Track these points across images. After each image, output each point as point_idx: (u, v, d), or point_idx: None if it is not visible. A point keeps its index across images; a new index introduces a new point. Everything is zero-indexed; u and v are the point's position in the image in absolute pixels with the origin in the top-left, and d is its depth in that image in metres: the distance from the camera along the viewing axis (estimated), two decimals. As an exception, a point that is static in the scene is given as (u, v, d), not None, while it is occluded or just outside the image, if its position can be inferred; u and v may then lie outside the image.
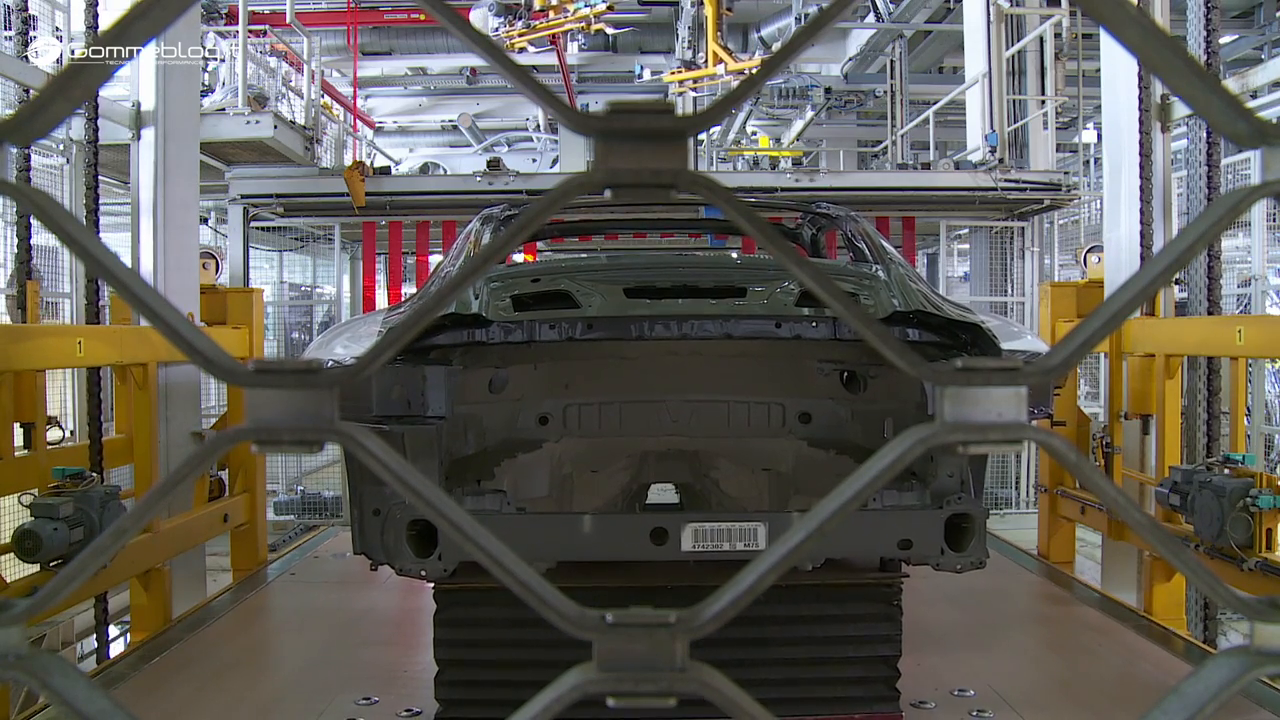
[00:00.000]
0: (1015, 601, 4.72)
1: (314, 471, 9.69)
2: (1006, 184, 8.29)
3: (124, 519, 0.53)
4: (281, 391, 0.45)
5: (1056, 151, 9.54)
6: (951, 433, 0.45)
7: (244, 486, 5.74)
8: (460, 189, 8.62)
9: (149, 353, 4.67)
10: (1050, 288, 6.13)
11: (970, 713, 3.17)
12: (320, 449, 0.47)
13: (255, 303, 5.93)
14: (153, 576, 4.67)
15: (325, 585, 5.14)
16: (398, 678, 3.53)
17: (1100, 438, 5.49)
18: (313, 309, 10.36)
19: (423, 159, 15.71)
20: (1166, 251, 0.51)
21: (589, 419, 3.06)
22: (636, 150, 0.43)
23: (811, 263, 0.47)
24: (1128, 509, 0.54)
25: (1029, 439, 0.47)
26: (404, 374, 2.48)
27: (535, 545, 2.55)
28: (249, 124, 7.59)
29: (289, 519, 8.66)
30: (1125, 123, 5.72)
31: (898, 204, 8.74)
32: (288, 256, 10.07)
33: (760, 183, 8.57)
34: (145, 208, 5.39)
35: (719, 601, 0.45)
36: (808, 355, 3.02)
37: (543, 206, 0.45)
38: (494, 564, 0.45)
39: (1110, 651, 3.86)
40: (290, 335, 9.98)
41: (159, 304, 0.50)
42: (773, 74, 0.60)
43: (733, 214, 0.44)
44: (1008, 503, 8.73)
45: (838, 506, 0.45)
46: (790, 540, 0.44)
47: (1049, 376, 0.47)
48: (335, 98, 11.11)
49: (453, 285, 0.47)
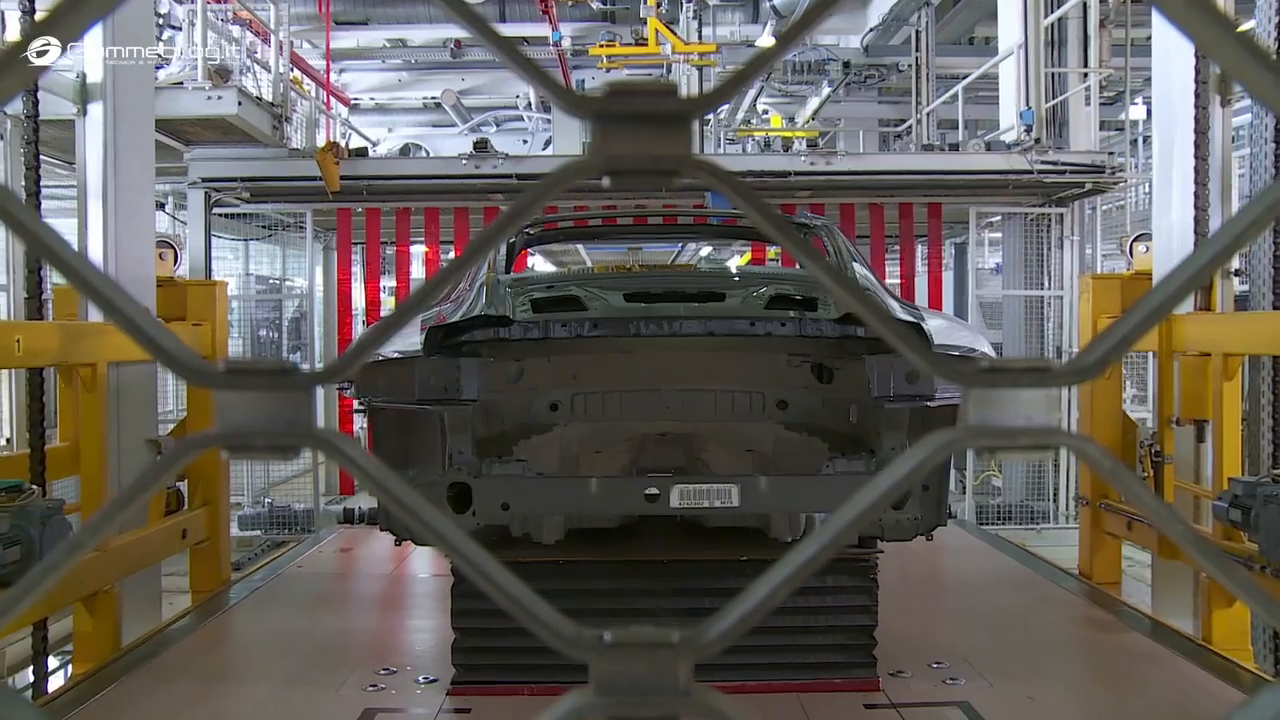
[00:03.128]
0: (1054, 626, 4.73)
1: (283, 482, 9.72)
2: (1044, 166, 8.30)
3: (80, 533, 0.54)
4: (255, 394, 0.45)
5: (1100, 129, 9.54)
6: (975, 437, 0.46)
7: (205, 499, 5.75)
8: (444, 172, 8.65)
9: (98, 351, 4.65)
10: (1092, 280, 6.13)
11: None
12: (296, 455, 0.48)
13: (218, 297, 5.95)
14: (100, 600, 4.59)
15: (299, 603, 5.20)
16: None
17: (1148, 445, 5.47)
18: (282, 304, 10.38)
19: (403, 139, 15.74)
20: (1217, 237, 0.52)
21: (594, 406, 3.83)
22: (637, 134, 0.44)
23: (827, 265, 0.48)
24: (1171, 521, 0.55)
25: (1061, 444, 0.48)
26: (442, 364, 3.23)
27: (553, 502, 3.42)
28: (210, 99, 7.60)
29: (255, 534, 8.68)
30: (1179, 96, 5.61)
31: (923, 189, 8.75)
32: (254, 246, 10.09)
33: (772, 166, 8.59)
34: (93, 191, 5.34)
35: (726, 620, 0.46)
36: (780, 350, 3.81)
37: (535, 195, 0.46)
38: (480, 576, 0.46)
39: (1163, 684, 3.86)
40: (257, 333, 9.99)
41: (116, 295, 0.51)
42: (788, 49, 0.61)
43: (742, 203, 0.45)
44: (1045, 517, 8.74)
45: (852, 517, 0.46)
46: (804, 552, 0.45)
47: (1083, 377, 0.48)
48: (306, 72, 11.13)
49: (434, 284, 0.48)
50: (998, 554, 6.20)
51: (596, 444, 3.88)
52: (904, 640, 4.22)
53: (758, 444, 3.88)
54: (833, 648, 3.78)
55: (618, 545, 3.85)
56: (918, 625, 4.56)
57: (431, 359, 3.22)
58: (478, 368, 3.27)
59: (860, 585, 3.77)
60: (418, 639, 4.64)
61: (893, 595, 5.18)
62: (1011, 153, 8.47)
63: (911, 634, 4.41)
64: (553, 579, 3.63)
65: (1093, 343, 0.49)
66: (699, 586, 3.72)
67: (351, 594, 5.66)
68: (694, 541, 3.91)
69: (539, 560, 3.65)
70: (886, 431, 3.41)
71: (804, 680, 3.72)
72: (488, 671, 3.72)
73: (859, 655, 3.77)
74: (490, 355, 3.51)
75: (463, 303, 3.50)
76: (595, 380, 3.81)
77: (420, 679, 3.90)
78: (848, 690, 3.71)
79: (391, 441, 3.55)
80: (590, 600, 3.69)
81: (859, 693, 3.69)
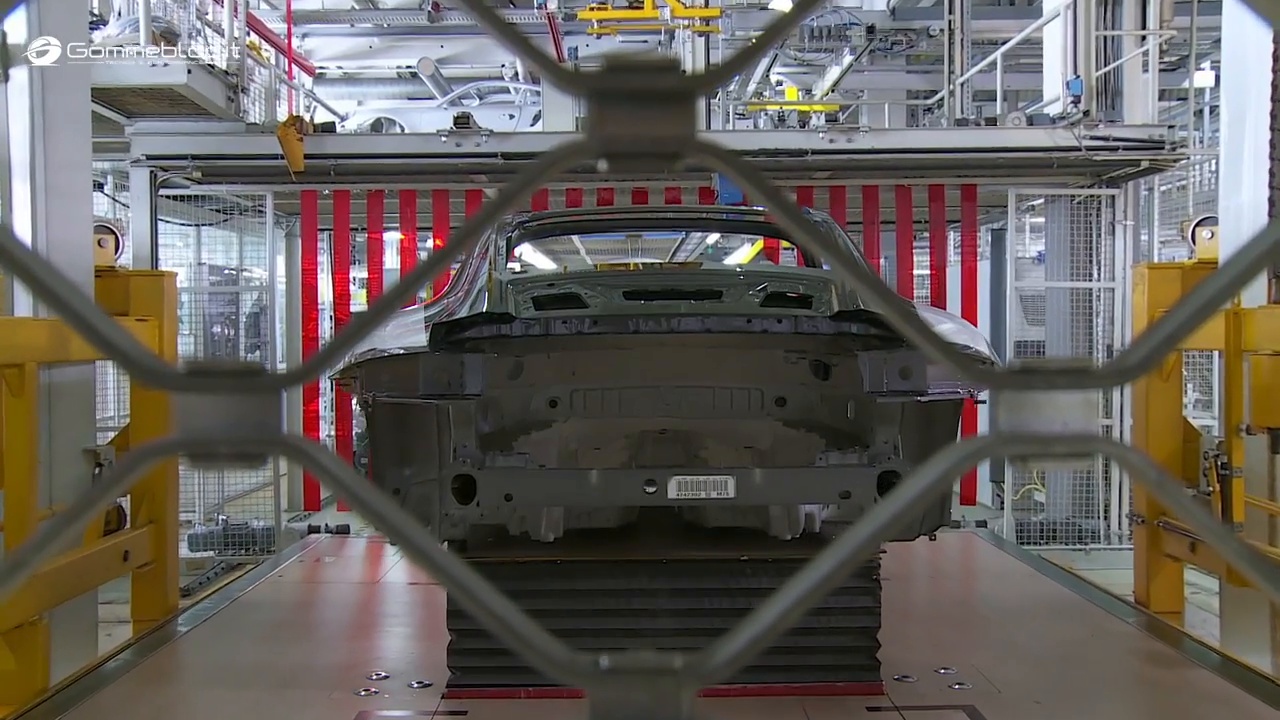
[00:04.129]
0: (1108, 660, 4.74)
1: (239, 497, 9.73)
2: (1094, 142, 8.31)
3: (17, 552, 0.55)
4: (218, 397, 0.47)
5: (1159, 100, 9.52)
6: (1006, 444, 0.47)
7: (151, 516, 5.75)
8: (421, 151, 8.67)
9: (26, 350, 4.62)
10: (1148, 270, 6.14)
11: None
12: (262, 464, 0.50)
13: (166, 289, 5.96)
14: (25, 634, 4.50)
15: (260, 630, 5.22)
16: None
17: (1214, 456, 5.45)
18: (239, 297, 10.40)
19: (374, 113, 15.75)
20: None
21: (593, 402, 4.27)
22: (636, 113, 0.45)
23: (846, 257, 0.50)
24: (1227, 539, 0.56)
25: (1100, 452, 0.49)
26: (447, 360, 3.61)
27: (555, 493, 3.90)
28: (155, 67, 7.61)
29: (207, 555, 8.70)
30: (1253, 60, 5.51)
31: (956, 169, 8.77)
32: (207, 233, 10.10)
33: (787, 144, 8.61)
34: (19, 169, 5.27)
35: (734, 643, 0.47)
36: (777, 347, 4.20)
37: (526, 180, 0.48)
38: (464, 593, 0.48)
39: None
40: (211, 330, 10.01)
41: (61, 285, 0.52)
42: (805, 13, 0.63)
43: (751, 189, 0.47)
44: (1094, 536, 8.74)
45: (869, 534, 0.47)
46: (819, 567, 0.47)
47: (1125, 378, 0.49)
48: (265, 36, 11.15)
49: (416, 277, 0.49)
50: (1041, 577, 6.22)
51: (595, 440, 4.37)
52: (933, 674, 4.37)
53: (756, 441, 4.35)
54: (835, 650, 4.14)
55: (616, 545, 4.35)
56: (950, 655, 4.58)
57: (436, 354, 3.61)
58: (481, 363, 3.67)
59: (863, 586, 4.10)
60: (404, 650, 5.04)
61: (925, 624, 5.22)
62: (1057, 127, 8.49)
63: (941, 663, 4.48)
64: (551, 579, 4.16)
65: (1138, 339, 0.50)
66: (698, 587, 4.19)
67: (320, 618, 5.79)
68: (693, 541, 4.42)
69: (537, 560, 4.16)
70: (879, 426, 3.84)
71: (806, 683, 4.09)
72: (484, 674, 4.09)
73: (862, 658, 4.16)
74: (493, 352, 3.92)
75: (469, 299, 3.92)
76: (594, 377, 4.25)
77: (414, 683, 4.31)
78: (851, 694, 4.08)
79: (392, 437, 4.02)
80: (588, 600, 4.20)
81: (862, 696, 4.07)
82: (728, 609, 4.14)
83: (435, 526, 4.00)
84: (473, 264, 4.39)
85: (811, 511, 4.23)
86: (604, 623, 4.18)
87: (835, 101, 14.46)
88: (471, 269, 4.30)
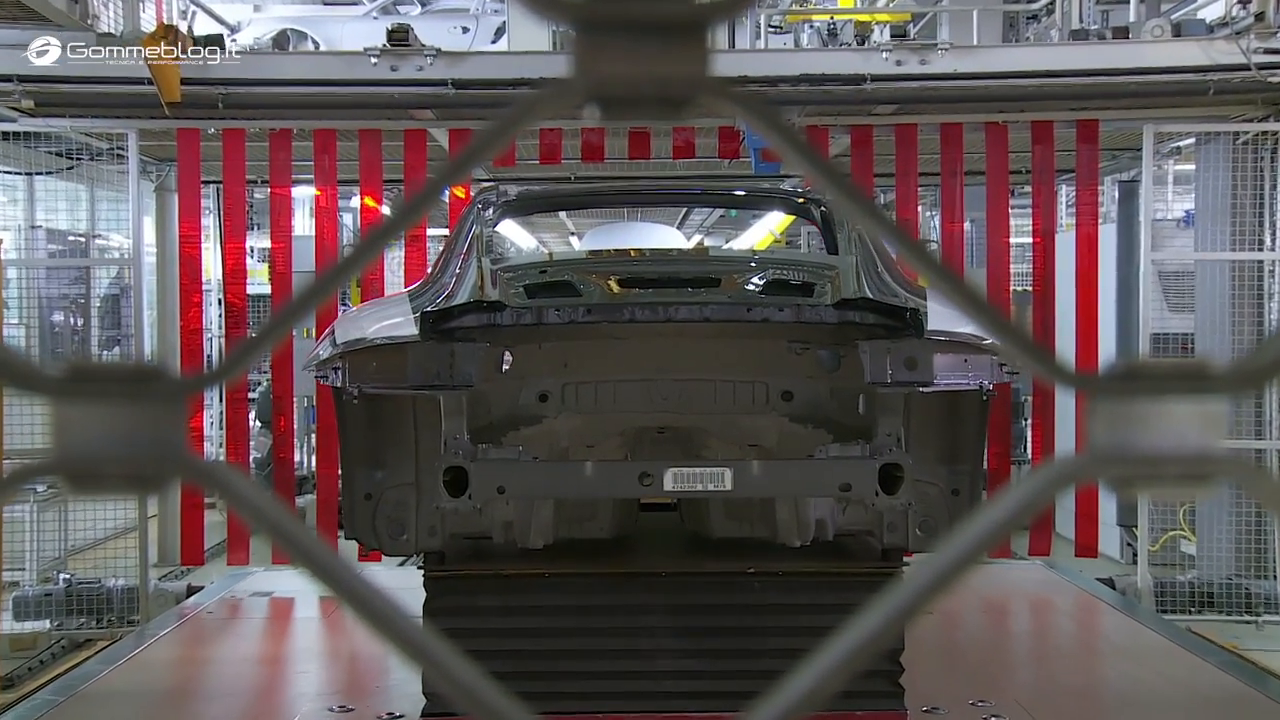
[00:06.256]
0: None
1: (90, 547, 9.65)
2: (1268, 58, 8.27)
3: None
4: (106, 406, 0.50)
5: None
6: (1104, 465, 0.51)
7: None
8: (343, 76, 8.68)
9: None
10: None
11: None
12: (159, 489, 0.53)
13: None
14: None
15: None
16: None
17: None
18: (90, 273, 10.38)
19: (278, 24, 15.65)
20: None
21: (585, 396, 5.06)
22: (635, 47, 0.48)
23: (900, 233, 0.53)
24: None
25: (1222, 475, 0.52)
26: (438, 349, 4.40)
27: (548, 485, 4.67)
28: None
29: (41, 628, 8.54)
30: None
31: (1069, 99, 8.76)
32: (43, 184, 10.08)
33: (839, 67, 8.61)
34: None
35: (769, 709, 0.51)
36: (780, 337, 5.00)
37: (496, 131, 0.51)
38: (412, 650, 0.51)
39: None
40: (51, 318, 10.01)
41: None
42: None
43: (779, 141, 0.50)
44: (1269, 603, 8.63)
45: (955, 557, 0.50)
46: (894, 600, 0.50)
47: (1252, 383, 0.53)
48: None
49: (362, 251, 0.53)
50: (1193, 658, 6.22)
51: (588, 437, 5.16)
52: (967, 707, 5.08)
53: (761, 438, 5.11)
54: (856, 675, 4.48)
55: (610, 558, 5.12)
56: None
57: (426, 344, 4.39)
58: (472, 353, 4.44)
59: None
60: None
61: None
62: (1216, 38, 8.46)
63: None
64: (539, 593, 4.89)
65: (1273, 336, 0.53)
66: (701, 603, 4.91)
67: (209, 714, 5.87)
68: (694, 554, 5.26)
69: (523, 573, 4.86)
70: (881, 417, 4.59)
71: (825, 712, 4.38)
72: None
73: (883, 683, 4.77)
74: (485, 340, 4.63)
75: (462, 285, 4.67)
76: (587, 369, 5.06)
77: (384, 714, 5.02)
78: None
79: (368, 436, 4.81)
80: (580, 618, 4.90)
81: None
82: (734, 627, 4.91)
83: (411, 534, 4.80)
84: (459, 246, 5.18)
85: (823, 518, 4.95)
86: (596, 642, 4.87)
87: (905, 9, 14.47)
88: (459, 252, 5.10)
